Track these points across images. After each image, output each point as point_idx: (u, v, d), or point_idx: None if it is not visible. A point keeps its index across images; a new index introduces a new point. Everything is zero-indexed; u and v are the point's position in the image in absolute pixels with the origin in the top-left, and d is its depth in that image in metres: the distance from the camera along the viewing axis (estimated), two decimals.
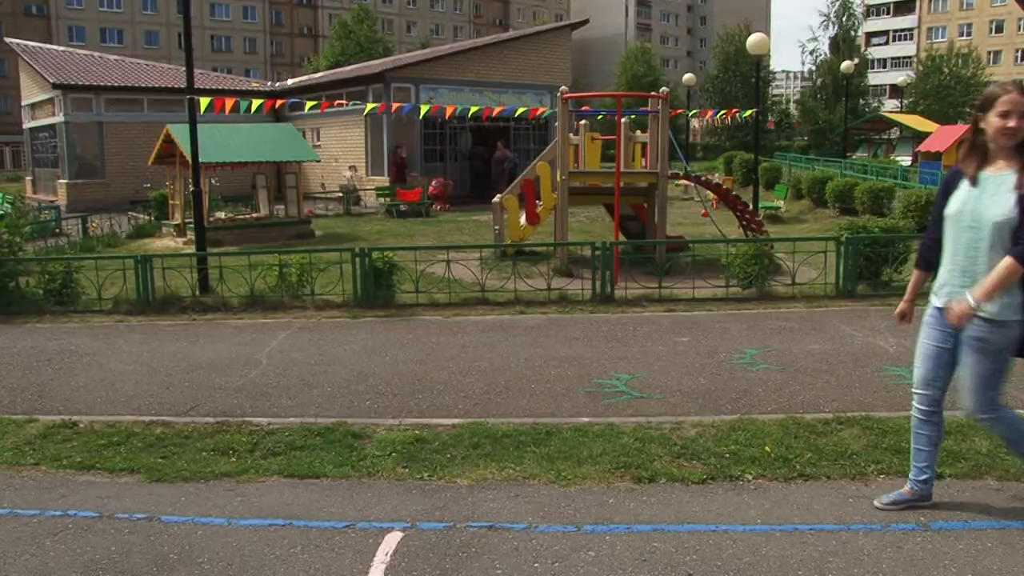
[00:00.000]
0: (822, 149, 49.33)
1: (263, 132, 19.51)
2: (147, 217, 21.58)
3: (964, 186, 4.01)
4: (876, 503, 4.38)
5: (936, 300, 4.14)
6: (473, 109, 20.09)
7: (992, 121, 3.88)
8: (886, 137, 45.18)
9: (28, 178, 35.23)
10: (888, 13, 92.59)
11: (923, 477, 4.32)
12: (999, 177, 3.89)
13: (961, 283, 3.99)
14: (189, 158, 12.68)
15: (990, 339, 3.94)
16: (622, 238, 13.57)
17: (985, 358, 3.98)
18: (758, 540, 4.05)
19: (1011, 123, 3.83)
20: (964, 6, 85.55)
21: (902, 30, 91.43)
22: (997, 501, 4.41)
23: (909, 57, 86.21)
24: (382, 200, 24.11)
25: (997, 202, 3.86)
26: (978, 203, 3.92)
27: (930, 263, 4.24)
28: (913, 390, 4.29)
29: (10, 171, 59.81)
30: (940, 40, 79.86)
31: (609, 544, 4.05)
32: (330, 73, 40.60)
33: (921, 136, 36.28)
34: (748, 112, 21.37)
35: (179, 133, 16.35)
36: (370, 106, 19.34)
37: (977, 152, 4.00)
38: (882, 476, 4.78)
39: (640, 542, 4.06)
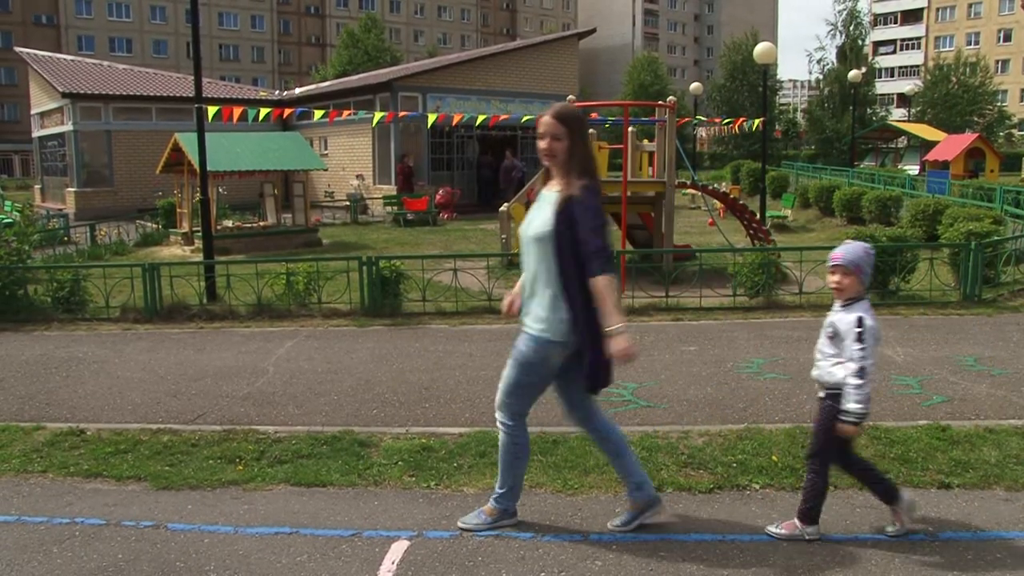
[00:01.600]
0: (829, 158, 49.23)
1: (270, 141, 19.58)
2: (155, 225, 21.66)
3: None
4: (460, 523, 4.35)
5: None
6: (480, 118, 20.13)
7: (538, 143, 4.02)
8: (893, 146, 45.12)
9: (37, 186, 35.40)
10: (896, 22, 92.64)
11: (501, 491, 4.30)
12: (550, 195, 3.98)
13: (528, 297, 4.06)
14: (197, 167, 12.73)
15: (524, 351, 4.03)
16: (629, 247, 13.56)
17: (516, 368, 4.06)
18: (765, 549, 4.04)
19: (541, 144, 3.95)
20: (972, 15, 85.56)
21: (909, 39, 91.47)
22: (1006, 511, 4.39)
23: (917, 66, 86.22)
24: (389, 209, 24.16)
25: (538, 218, 3.96)
26: (531, 221, 4.02)
27: None
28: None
29: (19, 179, 60.14)
30: (948, 49, 79.83)
31: (616, 553, 4.04)
32: (338, 82, 40.72)
33: (929, 145, 36.24)
34: (756, 121, 21.34)
35: (187, 142, 16.41)
36: (378, 115, 19.40)
37: (546, 171, 4.15)
38: None
39: (647, 551, 4.05)
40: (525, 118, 20.16)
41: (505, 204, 14.50)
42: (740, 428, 5.75)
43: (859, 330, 3.78)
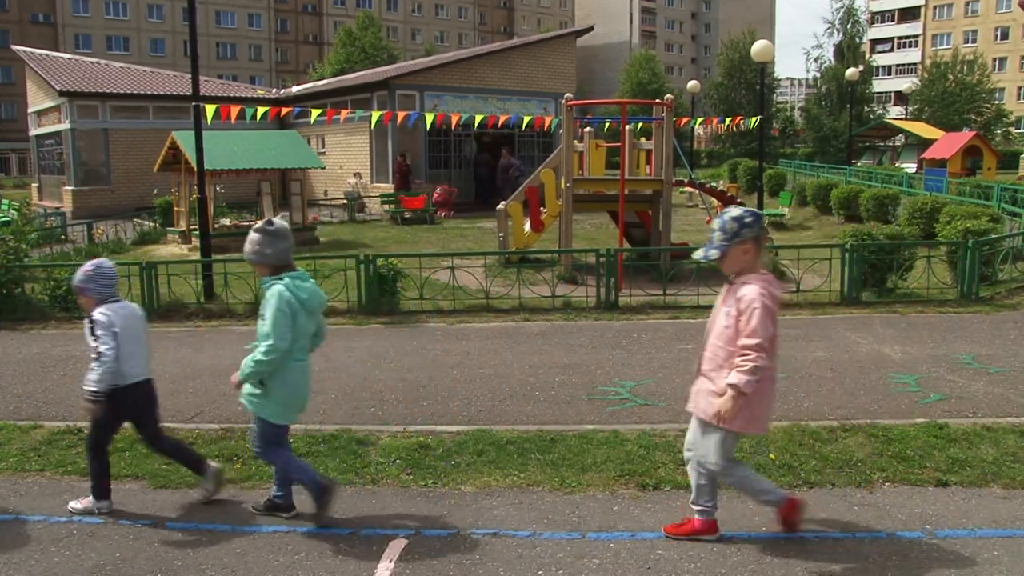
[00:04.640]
0: (827, 156, 49.24)
1: (268, 139, 19.55)
2: (152, 224, 21.62)
3: None
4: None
5: None
6: (479, 118, 20.09)
7: None
8: (891, 144, 45.13)
9: (34, 185, 35.32)
10: (893, 20, 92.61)
11: None
12: None
13: None
14: (194, 165, 12.71)
15: None
16: (627, 245, 13.56)
17: None
18: (762, 547, 4.04)
19: None
20: (969, 13, 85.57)
21: (907, 37, 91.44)
22: (1003, 509, 4.40)
23: (914, 64, 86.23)
24: (387, 207, 24.13)
25: None
26: None
27: None
28: None
29: (16, 178, 60.01)
30: (945, 47, 79.80)
31: (613, 552, 4.04)
32: (335, 80, 40.66)
33: (926, 143, 36.24)
34: (754, 120, 21.33)
35: (184, 140, 16.39)
36: (376, 115, 19.37)
37: None
38: (887, 484, 4.77)
39: (644, 550, 4.05)
40: (526, 119, 20.11)
41: (502, 203, 14.47)
42: None
43: (91, 325, 4.48)
